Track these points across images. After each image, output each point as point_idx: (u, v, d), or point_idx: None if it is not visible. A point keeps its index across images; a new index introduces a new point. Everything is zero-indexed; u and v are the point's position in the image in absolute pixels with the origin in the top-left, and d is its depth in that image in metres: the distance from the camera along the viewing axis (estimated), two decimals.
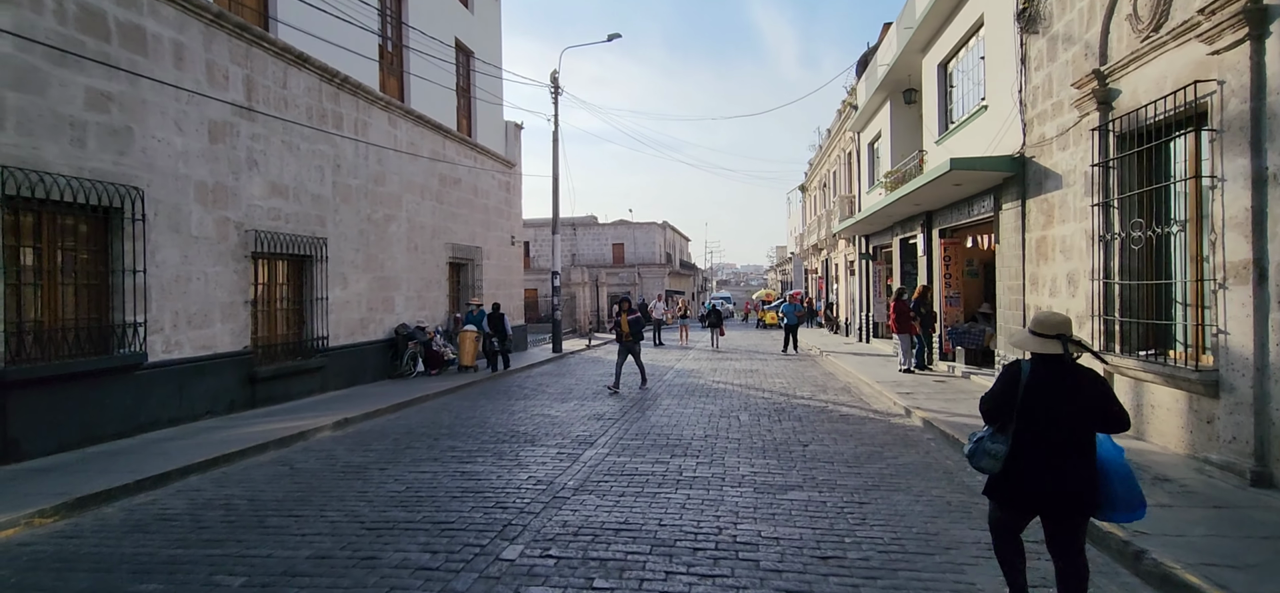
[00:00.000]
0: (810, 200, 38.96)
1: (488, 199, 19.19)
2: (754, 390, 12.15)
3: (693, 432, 8.46)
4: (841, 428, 8.65)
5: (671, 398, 11.36)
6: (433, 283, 16.06)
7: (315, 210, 11.74)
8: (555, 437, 8.27)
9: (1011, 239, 10.09)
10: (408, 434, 8.67)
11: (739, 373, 14.94)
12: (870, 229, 20.11)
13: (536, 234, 51.69)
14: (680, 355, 19.69)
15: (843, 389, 12.22)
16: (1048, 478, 3.12)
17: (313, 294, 11.71)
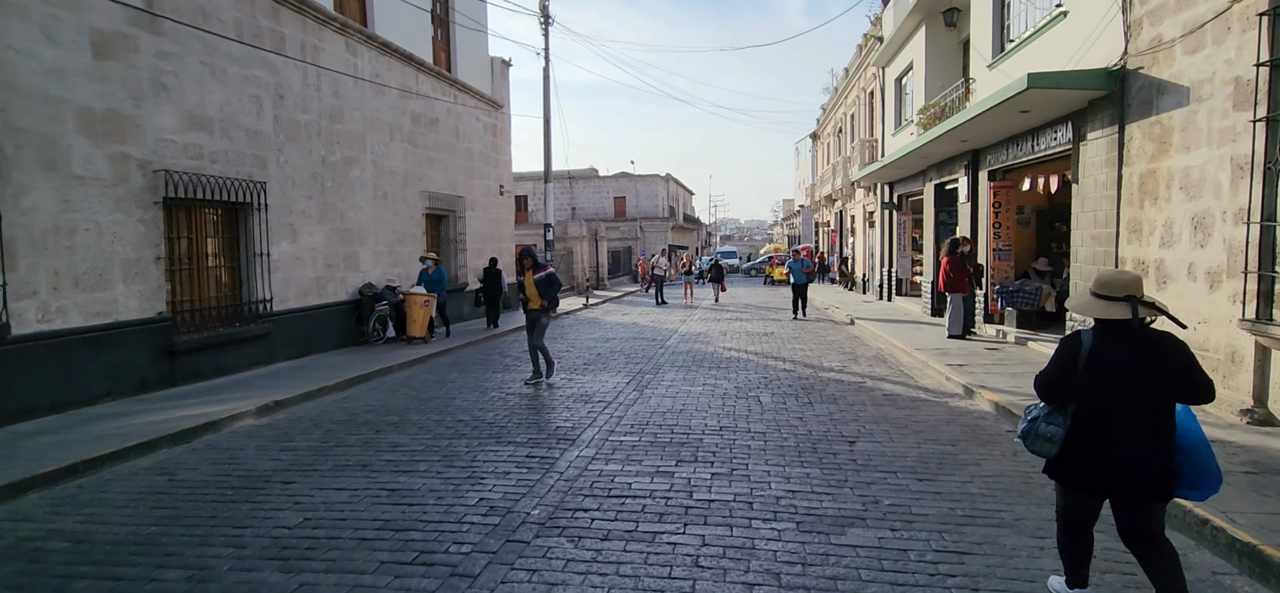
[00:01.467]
0: (822, 149, 36.70)
1: (471, 143, 17.19)
2: (773, 360, 10.36)
3: (704, 420, 6.69)
4: (891, 414, 6.87)
5: (676, 370, 9.59)
6: (406, 236, 14.20)
7: (252, 149, 9.82)
8: (528, 429, 6.52)
9: (1100, 176, 8.16)
10: (346, 424, 6.93)
11: (752, 338, 13.15)
12: (896, 175, 18.09)
13: (534, 188, 49.54)
14: (684, 316, 17.90)
15: (876, 359, 10.42)
16: (1117, 459, 2.82)
17: (251, 249, 9.87)
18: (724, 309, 19.90)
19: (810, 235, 45.37)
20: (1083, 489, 2.95)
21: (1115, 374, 2.80)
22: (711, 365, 9.96)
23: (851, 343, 12.19)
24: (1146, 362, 2.78)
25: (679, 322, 16.43)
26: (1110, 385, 2.81)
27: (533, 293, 8.61)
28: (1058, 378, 2.94)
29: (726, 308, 20.34)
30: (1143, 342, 2.81)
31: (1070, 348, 2.92)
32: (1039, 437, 2.96)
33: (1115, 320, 2.83)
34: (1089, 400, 2.87)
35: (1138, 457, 2.79)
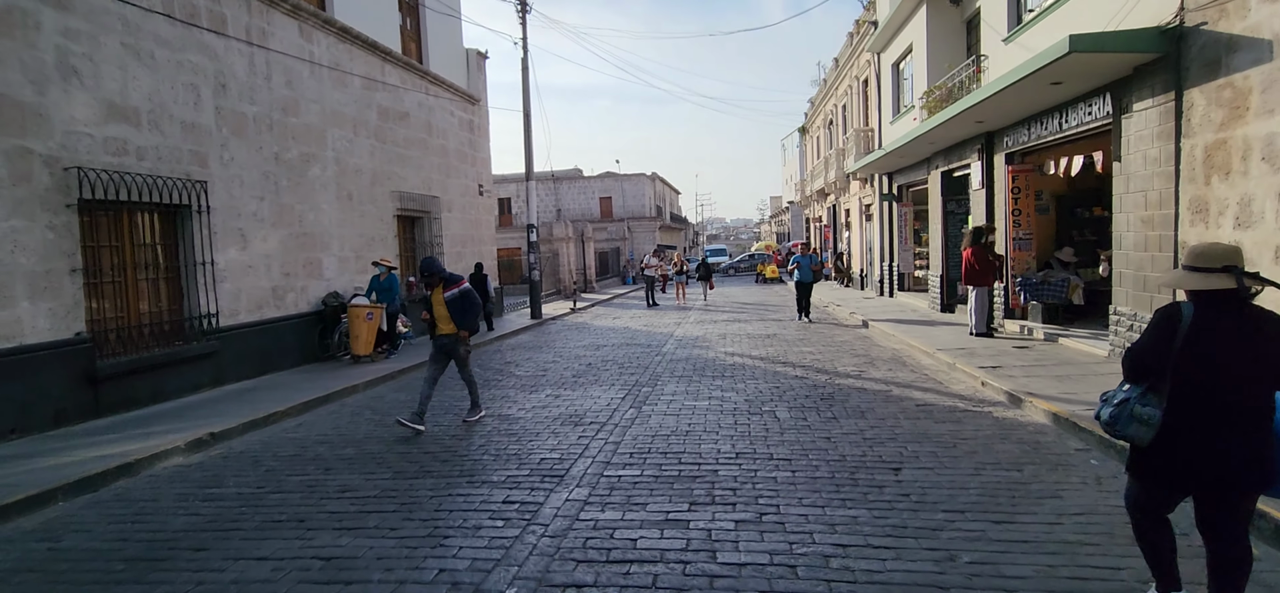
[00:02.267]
0: (811, 143, 35.89)
1: (445, 140, 16.08)
2: (781, 366, 9.37)
3: (716, 444, 5.67)
4: (931, 430, 5.90)
5: (677, 381, 8.57)
6: (376, 240, 13.06)
7: (189, 144, 8.68)
8: (508, 463, 5.46)
9: (1150, 151, 7.24)
10: (293, 460, 5.84)
11: (754, 341, 12.15)
12: (897, 165, 17.20)
13: (517, 189, 48.46)
14: (679, 319, 16.88)
15: (894, 361, 9.46)
16: (1214, 448, 2.55)
17: (192, 257, 8.73)
18: (718, 309, 18.91)
19: (801, 232, 44.57)
20: (1169, 484, 2.69)
21: (1218, 353, 2.55)
22: (715, 374, 8.94)
23: (862, 344, 11.23)
24: (1253, 340, 2.53)
25: (674, 325, 15.41)
26: (1212, 365, 2.56)
27: (443, 314, 6.78)
28: (1153, 353, 2.66)
29: (720, 308, 19.36)
30: (1249, 318, 2.56)
31: (1169, 321, 2.63)
32: (1135, 420, 2.63)
33: (1218, 293, 2.58)
34: (1186, 381, 2.59)
35: (1238, 445, 2.53)
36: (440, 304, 6.80)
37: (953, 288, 14.16)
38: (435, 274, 6.82)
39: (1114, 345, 8.11)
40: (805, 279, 14.57)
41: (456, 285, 6.81)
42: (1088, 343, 8.97)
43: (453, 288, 6.78)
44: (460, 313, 6.78)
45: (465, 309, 6.78)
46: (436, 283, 6.82)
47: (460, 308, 6.77)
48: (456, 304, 6.75)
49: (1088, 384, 6.96)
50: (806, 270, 14.61)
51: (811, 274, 14.69)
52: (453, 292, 6.75)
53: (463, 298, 6.77)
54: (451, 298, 6.73)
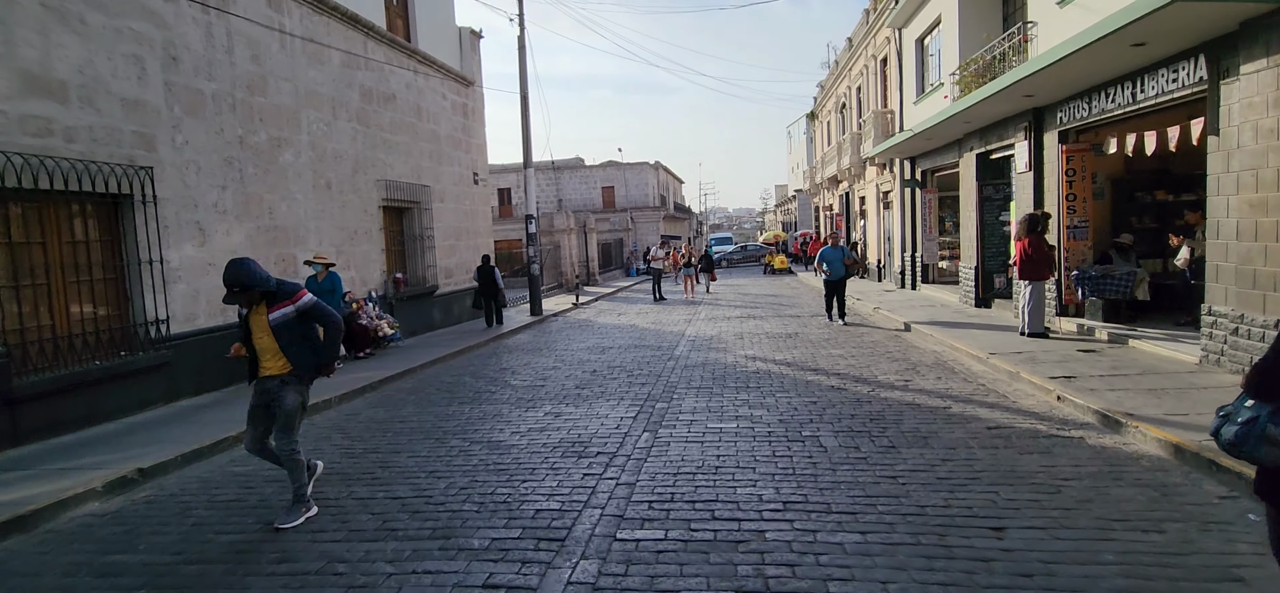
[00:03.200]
0: (821, 129, 34.62)
1: (437, 125, 14.90)
2: (812, 374, 8.23)
3: (755, 486, 4.54)
4: (1018, 465, 4.76)
5: (695, 393, 7.44)
6: (359, 233, 11.93)
7: (132, 125, 7.54)
8: (494, 518, 4.33)
9: (1265, 121, 6.06)
10: (229, 509, 4.72)
11: (775, 342, 11.01)
12: (921, 148, 16.00)
13: (516, 180, 47.26)
14: (688, 316, 15.74)
15: (941, 368, 8.32)
16: None
17: (137, 255, 7.60)
18: (728, 304, 17.76)
19: (809, 221, 43.36)
20: None
21: None
22: (737, 384, 7.81)
23: (896, 345, 10.08)
24: None
25: (684, 323, 14.27)
26: None
27: (267, 345, 4.37)
28: None
29: (730, 302, 18.21)
30: None
31: None
32: (1265, 440, 2.19)
33: None
34: None
35: None
36: (264, 332, 4.34)
37: (988, 281, 13.00)
38: (247, 286, 4.21)
39: (1208, 351, 6.95)
40: (837, 275, 12.63)
41: (290, 301, 4.33)
42: (1166, 346, 7.82)
43: (283, 304, 4.32)
44: (296, 343, 4.36)
45: (302, 338, 4.40)
46: (255, 299, 4.33)
47: (294, 335, 4.35)
48: (288, 331, 4.33)
49: (1192, 401, 5.82)
50: (838, 265, 12.59)
51: (844, 269, 12.70)
52: (283, 311, 4.31)
53: (300, 319, 4.37)
54: (280, 321, 4.30)
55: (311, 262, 9.68)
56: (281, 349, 4.36)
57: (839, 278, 12.62)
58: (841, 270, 12.58)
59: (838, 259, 12.54)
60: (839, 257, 12.57)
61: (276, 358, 4.40)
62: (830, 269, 12.54)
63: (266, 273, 4.36)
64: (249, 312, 4.41)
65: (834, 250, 12.67)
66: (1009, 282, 12.70)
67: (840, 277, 12.62)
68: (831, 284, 12.72)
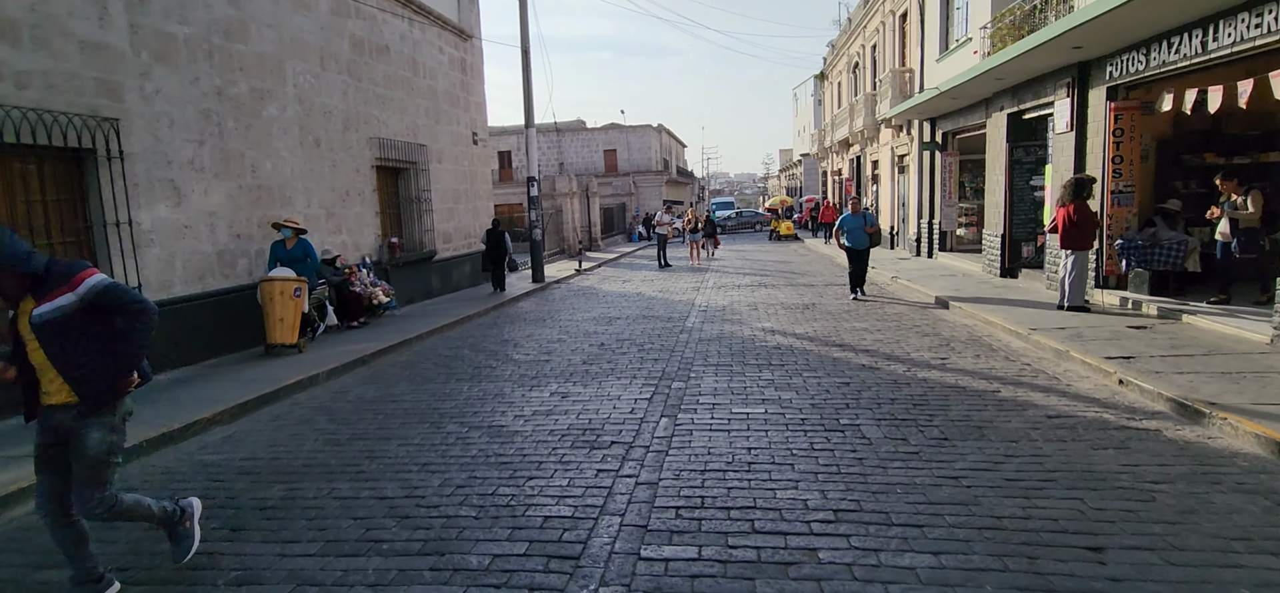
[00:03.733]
0: (831, 91, 33.57)
1: (434, 80, 14.07)
2: (839, 350, 7.61)
3: (797, 489, 3.95)
4: (1094, 463, 4.16)
5: (714, 371, 6.83)
6: (351, 195, 11.22)
7: (94, 70, 6.79)
8: (496, 528, 3.73)
9: None
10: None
11: (793, 314, 10.38)
12: (943, 109, 15.18)
13: (517, 142, 46.27)
14: (696, 284, 15.09)
15: (977, 344, 7.70)
16: None
17: (103, 215, 6.92)
18: (737, 272, 17.10)
19: (815, 186, 42.47)
20: None
21: None
22: (759, 361, 7.19)
23: (924, 319, 9.45)
24: None
25: (693, 291, 13.63)
26: None
27: (41, 359, 2.88)
28: None
29: (739, 270, 17.55)
30: None
31: None
32: None
33: None
34: None
35: None
36: (31, 339, 2.86)
37: (1015, 250, 12.32)
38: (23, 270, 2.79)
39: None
40: (859, 245, 11.31)
41: (66, 286, 2.84)
42: (1226, 323, 7.18)
43: (56, 293, 2.82)
44: (81, 351, 2.89)
45: (95, 344, 2.93)
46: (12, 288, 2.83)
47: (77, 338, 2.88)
48: (65, 333, 2.85)
49: (1272, 387, 5.20)
50: (859, 234, 11.25)
51: (867, 239, 11.31)
52: (54, 303, 2.82)
53: (87, 315, 2.90)
54: (50, 319, 2.81)
55: (280, 225, 8.70)
56: (52, 362, 2.85)
57: (861, 248, 11.39)
58: (863, 240, 11.32)
59: (858, 228, 11.30)
60: (859, 225, 11.30)
61: (58, 384, 2.91)
62: (850, 239, 11.32)
63: (27, 246, 2.82)
64: (15, 311, 2.88)
65: (854, 218, 11.38)
66: (1038, 250, 12.03)
67: (862, 246, 11.38)
68: (853, 254, 11.46)
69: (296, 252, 8.54)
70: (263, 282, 8.14)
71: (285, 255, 8.47)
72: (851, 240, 11.30)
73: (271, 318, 8.10)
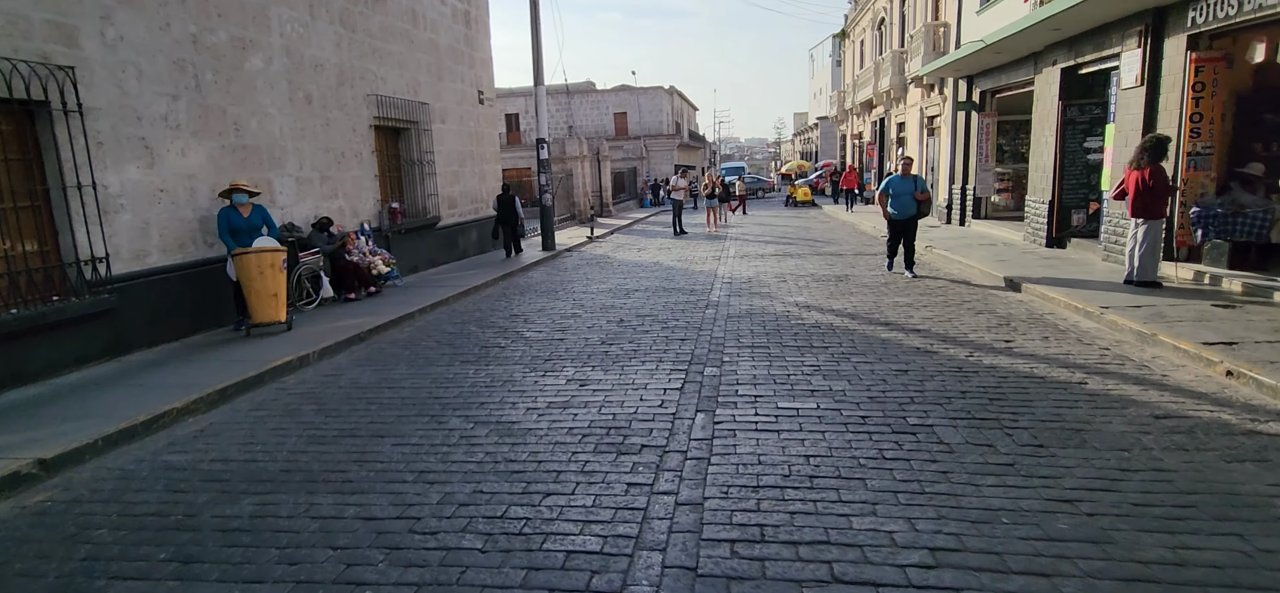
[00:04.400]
0: (852, 50, 32.19)
1: (436, 34, 13.14)
2: (885, 330, 6.82)
3: (875, 515, 3.20)
4: (1238, 485, 3.40)
5: (749, 353, 6.06)
6: (347, 156, 10.42)
7: (44, 11, 5.98)
8: (508, 564, 3.00)
9: None
10: (141, 530, 3.43)
11: (827, 287, 9.57)
12: (984, 65, 14.14)
13: (525, 104, 45.11)
14: (716, 252, 14.27)
15: (1042, 325, 6.89)
16: None
17: (62, 178, 6.16)
18: (759, 241, 16.25)
19: (832, 150, 41.25)
20: None
21: None
22: (799, 342, 6.41)
23: (974, 295, 8.62)
24: None
25: (713, 260, 12.81)
26: None
27: None
28: None
29: (760, 239, 16.69)
30: None
31: None
32: None
33: None
34: None
35: None
36: None
37: (1064, 218, 11.40)
38: None
39: None
40: (906, 213, 9.74)
41: None
42: None
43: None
44: None
45: None
46: None
47: None
48: None
49: None
50: (907, 200, 9.64)
51: (915, 206, 9.70)
52: None
53: None
54: None
55: (233, 191, 7.39)
56: None
57: (908, 216, 9.78)
58: (911, 207, 9.69)
59: (907, 193, 9.64)
60: (908, 190, 9.62)
61: None
62: (897, 206, 9.76)
63: None
64: None
65: (903, 181, 9.71)
66: (1090, 218, 11.13)
67: (909, 215, 9.76)
68: (898, 225, 9.91)
69: (254, 220, 7.51)
70: (240, 255, 7.26)
71: (242, 224, 7.40)
72: (898, 208, 9.79)
73: (260, 294, 7.33)
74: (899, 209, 9.78)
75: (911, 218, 9.80)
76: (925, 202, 9.77)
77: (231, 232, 7.31)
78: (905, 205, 9.74)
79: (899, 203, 9.76)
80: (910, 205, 9.73)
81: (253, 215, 7.52)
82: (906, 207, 9.75)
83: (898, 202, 9.76)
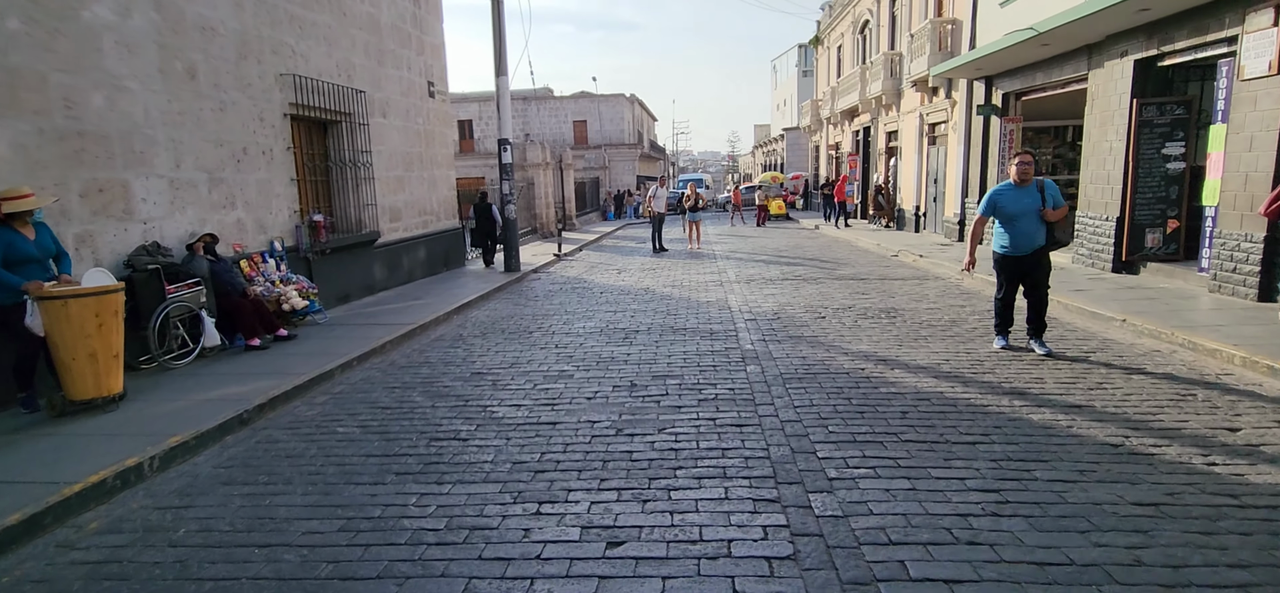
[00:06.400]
0: (828, 57, 30.71)
1: (376, 7, 10.66)
2: (1029, 406, 4.71)
3: None
4: None
5: (857, 459, 3.84)
6: (251, 153, 7.86)
7: None
8: None
9: None
10: None
11: (884, 330, 7.46)
12: (1010, 64, 12.45)
13: (480, 110, 42.48)
14: (712, 275, 12.09)
15: (1215, 389, 4.89)
16: None
17: None
18: (750, 260, 14.16)
19: (801, 162, 39.78)
20: None
21: None
22: (917, 433, 4.22)
23: (1088, 343, 6.62)
24: None
25: (713, 285, 10.61)
26: None
27: None
28: None
29: (750, 258, 14.61)
30: None
31: None
32: None
33: None
34: None
35: None
36: None
37: (1136, 237, 9.62)
38: None
39: None
40: (1030, 246, 5.84)
41: None
42: None
43: None
44: None
45: None
46: None
47: None
48: None
49: None
50: (1031, 224, 5.79)
51: (1043, 232, 5.82)
52: None
53: None
54: None
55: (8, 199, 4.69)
56: None
57: (1033, 252, 5.84)
58: (1038, 235, 5.80)
59: (1031, 211, 5.76)
60: (1032, 206, 5.77)
61: None
62: (1014, 235, 5.82)
63: None
64: None
65: (1021, 193, 5.81)
66: (1167, 239, 9.38)
67: (1036, 248, 5.83)
68: (1014, 265, 5.94)
69: (46, 243, 4.89)
70: (51, 298, 4.66)
71: (32, 252, 4.75)
72: (1017, 239, 5.78)
73: (80, 357, 4.72)
74: (1019, 241, 5.80)
75: (1039, 253, 5.87)
76: (1063, 223, 5.84)
77: (12, 263, 4.69)
78: (1029, 233, 5.78)
79: (1018, 230, 5.79)
80: (1037, 233, 5.78)
81: (41, 238, 4.88)
82: (1031, 235, 5.78)
83: (1016, 228, 5.80)
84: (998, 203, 5.92)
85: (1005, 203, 5.87)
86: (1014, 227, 5.84)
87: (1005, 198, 5.88)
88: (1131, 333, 6.67)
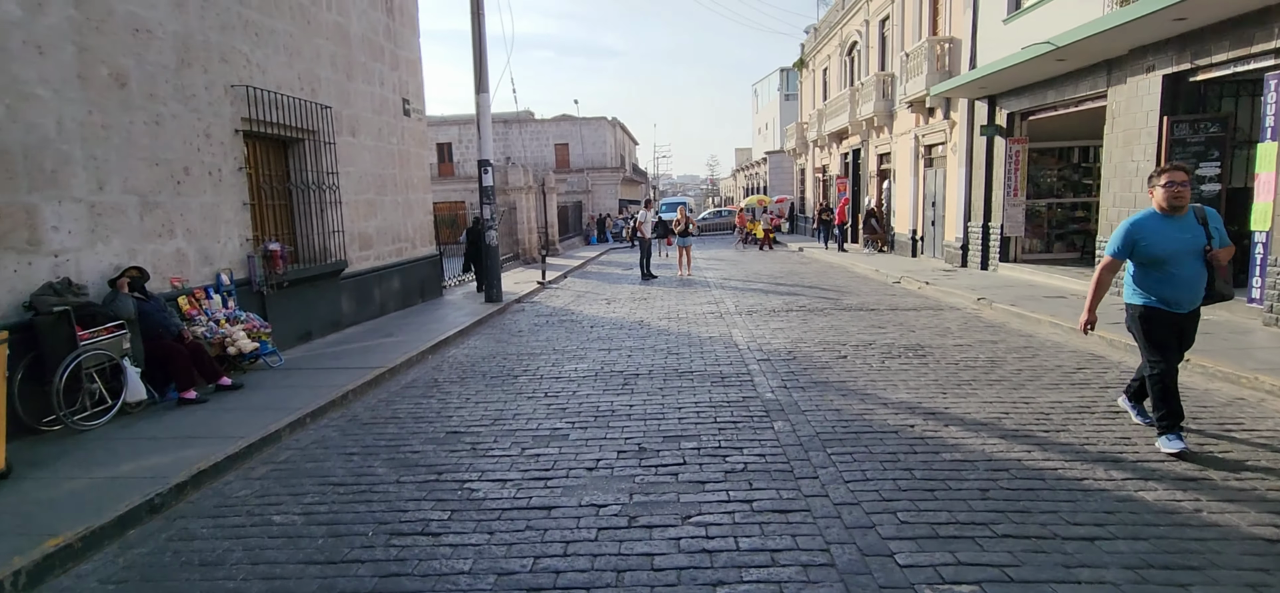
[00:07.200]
0: (814, 80, 30.35)
1: (344, 16, 9.76)
2: (1128, 478, 3.87)
3: None
4: None
5: (951, 568, 2.95)
6: (193, 175, 6.86)
7: None
8: None
9: None
10: None
11: (919, 373, 6.63)
12: (1016, 82, 11.88)
13: (459, 133, 41.64)
14: (710, 306, 11.23)
15: None
16: None
17: None
18: (745, 288, 13.34)
19: (786, 186, 39.36)
20: None
21: None
22: (1005, 522, 3.36)
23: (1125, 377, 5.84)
24: None
25: (713, 318, 9.74)
26: None
27: None
28: None
29: (744, 286, 13.80)
30: None
31: None
32: None
33: None
34: None
35: None
36: None
37: None
38: None
39: None
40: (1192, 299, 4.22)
41: None
42: None
43: None
44: None
45: None
46: None
47: None
48: None
49: None
50: (1192, 267, 4.13)
51: (1206, 280, 4.20)
52: None
53: None
54: None
55: None
56: None
57: (1194, 307, 4.28)
58: (1200, 285, 4.20)
59: (1193, 250, 4.14)
60: (1195, 247, 4.14)
61: None
62: (1171, 288, 4.19)
63: None
64: None
65: (1173, 229, 4.16)
66: None
67: (1197, 302, 4.27)
68: (1172, 323, 4.26)
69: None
70: None
71: None
72: (1172, 287, 4.18)
73: None
74: (1179, 291, 4.19)
75: (1194, 310, 4.32)
76: (1226, 267, 4.31)
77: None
78: (1190, 280, 4.18)
79: (1174, 277, 4.18)
80: (1199, 279, 4.19)
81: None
82: (1192, 284, 4.19)
83: (1169, 274, 4.18)
84: (1139, 240, 4.20)
85: (1151, 240, 4.16)
86: (1165, 271, 4.16)
87: (1150, 232, 4.18)
88: (1203, 377, 5.90)
